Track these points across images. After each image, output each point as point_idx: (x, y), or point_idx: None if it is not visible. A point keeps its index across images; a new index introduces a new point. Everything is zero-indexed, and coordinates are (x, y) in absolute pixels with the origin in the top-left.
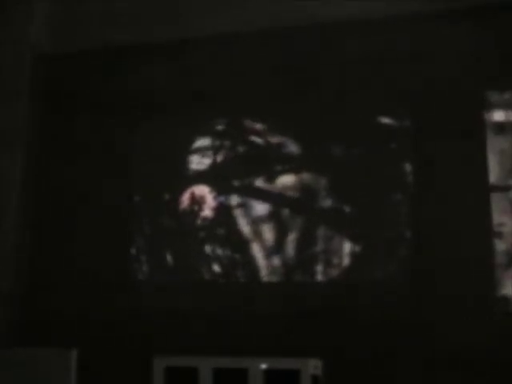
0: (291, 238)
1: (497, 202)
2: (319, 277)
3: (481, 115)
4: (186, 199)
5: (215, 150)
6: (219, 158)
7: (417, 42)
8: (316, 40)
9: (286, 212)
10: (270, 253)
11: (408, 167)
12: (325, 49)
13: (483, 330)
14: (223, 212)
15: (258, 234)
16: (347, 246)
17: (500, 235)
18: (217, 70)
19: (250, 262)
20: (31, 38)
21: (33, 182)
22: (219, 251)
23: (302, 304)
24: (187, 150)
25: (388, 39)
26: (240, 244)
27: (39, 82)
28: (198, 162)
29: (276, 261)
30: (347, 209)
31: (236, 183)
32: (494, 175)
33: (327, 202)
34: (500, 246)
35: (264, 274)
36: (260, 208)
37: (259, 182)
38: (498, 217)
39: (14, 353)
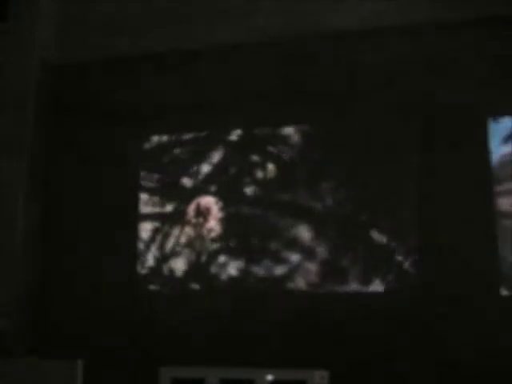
0: (300, 248)
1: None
2: (325, 288)
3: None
4: (192, 210)
5: (223, 160)
6: (227, 169)
7: (421, 52)
8: (325, 49)
9: (291, 221)
10: (277, 264)
11: (411, 175)
12: (333, 58)
13: (486, 337)
14: (231, 222)
15: (267, 244)
16: (353, 256)
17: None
18: (227, 81)
19: (258, 272)
20: (38, 48)
21: (39, 190)
22: (227, 262)
23: (309, 315)
24: (195, 160)
25: (392, 50)
26: (249, 254)
27: (45, 91)
28: (206, 173)
29: (283, 272)
30: (355, 219)
31: (245, 193)
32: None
33: (333, 211)
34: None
35: (271, 285)
36: (267, 218)
37: (269, 192)
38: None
39: (20, 363)
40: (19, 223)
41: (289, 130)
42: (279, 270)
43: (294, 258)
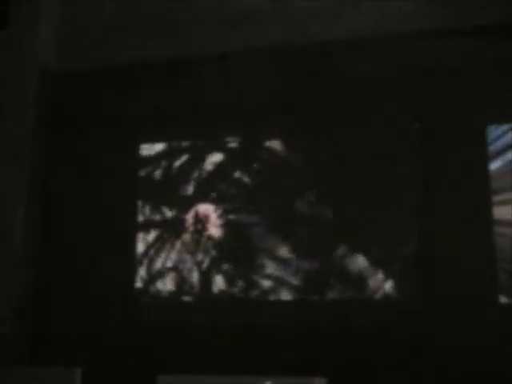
0: (301, 255)
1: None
2: (327, 294)
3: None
4: (190, 217)
5: (222, 168)
6: (226, 176)
7: (420, 60)
8: (324, 57)
9: (290, 230)
10: (278, 270)
11: (412, 183)
12: (333, 67)
13: (485, 345)
14: (229, 230)
15: (266, 252)
16: (355, 264)
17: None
18: (227, 87)
19: (257, 279)
20: (38, 56)
21: (38, 198)
22: (226, 270)
23: (310, 322)
24: (194, 169)
25: (390, 58)
26: (249, 262)
27: (45, 99)
28: (205, 181)
29: (284, 278)
30: (353, 226)
31: (244, 201)
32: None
33: (333, 219)
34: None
35: (272, 291)
36: (266, 225)
37: (267, 199)
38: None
39: (16, 371)
40: (17, 235)
41: (288, 138)
42: (278, 276)
43: (293, 264)
